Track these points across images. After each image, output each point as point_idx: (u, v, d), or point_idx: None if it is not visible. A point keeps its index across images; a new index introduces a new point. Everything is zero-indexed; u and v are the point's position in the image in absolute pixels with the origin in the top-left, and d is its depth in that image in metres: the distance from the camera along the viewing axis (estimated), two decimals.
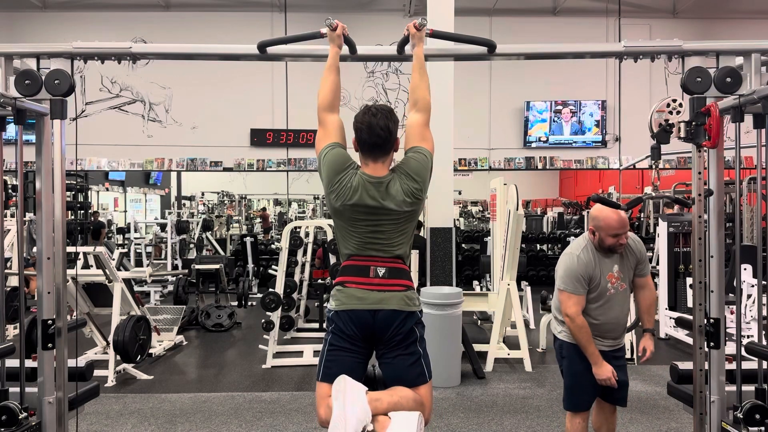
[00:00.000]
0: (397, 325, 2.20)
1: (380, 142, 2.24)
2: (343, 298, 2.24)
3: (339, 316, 2.23)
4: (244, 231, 14.40)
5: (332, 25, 2.38)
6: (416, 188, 2.24)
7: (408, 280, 2.29)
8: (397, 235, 2.27)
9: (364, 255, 2.26)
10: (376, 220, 2.22)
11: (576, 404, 2.99)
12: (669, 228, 6.81)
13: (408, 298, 2.24)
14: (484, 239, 9.68)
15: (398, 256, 2.27)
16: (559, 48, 2.73)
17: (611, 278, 2.89)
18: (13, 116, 2.27)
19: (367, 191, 2.21)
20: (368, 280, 2.23)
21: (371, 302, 2.19)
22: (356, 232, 2.25)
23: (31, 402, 2.37)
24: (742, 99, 2.23)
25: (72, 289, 5.13)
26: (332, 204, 2.26)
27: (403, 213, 2.24)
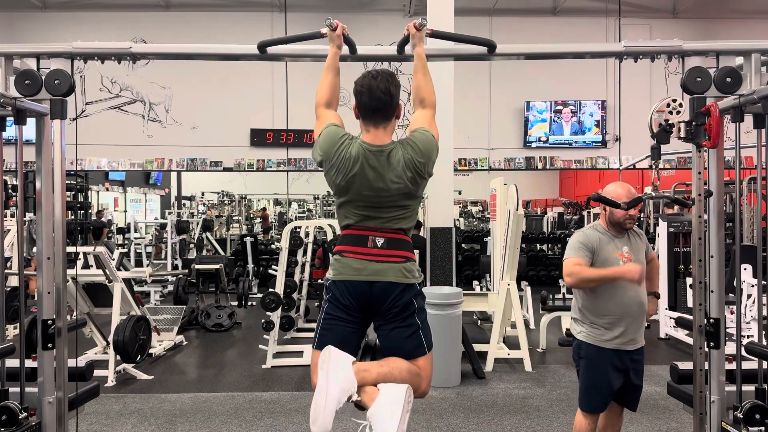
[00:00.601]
0: (395, 297, 2.16)
1: (381, 105, 2.18)
2: (340, 268, 2.20)
3: (336, 286, 2.21)
4: (244, 231, 14.41)
5: (332, 25, 2.37)
6: (419, 161, 2.17)
7: (408, 251, 2.22)
8: (399, 211, 2.21)
9: (364, 226, 2.20)
10: (377, 196, 2.16)
11: (591, 405, 2.98)
12: (669, 228, 6.81)
13: (406, 270, 2.18)
14: (484, 239, 9.68)
15: (399, 228, 2.22)
16: (559, 48, 2.74)
17: (621, 257, 2.91)
18: (13, 116, 2.27)
19: (367, 161, 2.14)
20: (366, 250, 2.18)
21: (368, 273, 2.15)
22: (357, 208, 2.20)
23: (31, 402, 2.37)
24: (742, 99, 2.23)
25: (72, 289, 5.13)
26: (333, 181, 2.20)
27: (404, 188, 2.16)
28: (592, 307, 2.93)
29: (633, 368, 2.94)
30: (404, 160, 2.16)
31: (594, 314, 2.92)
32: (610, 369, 2.90)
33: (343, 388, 2.03)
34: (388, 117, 2.22)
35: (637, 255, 2.98)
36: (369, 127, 2.22)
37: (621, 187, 2.92)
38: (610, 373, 2.90)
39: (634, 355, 2.96)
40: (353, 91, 2.24)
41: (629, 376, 2.94)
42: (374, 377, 2.11)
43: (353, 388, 2.05)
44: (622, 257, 2.92)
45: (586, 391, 2.99)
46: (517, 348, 5.64)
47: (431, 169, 2.24)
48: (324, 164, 2.22)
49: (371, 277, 2.15)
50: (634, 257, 2.95)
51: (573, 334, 3.06)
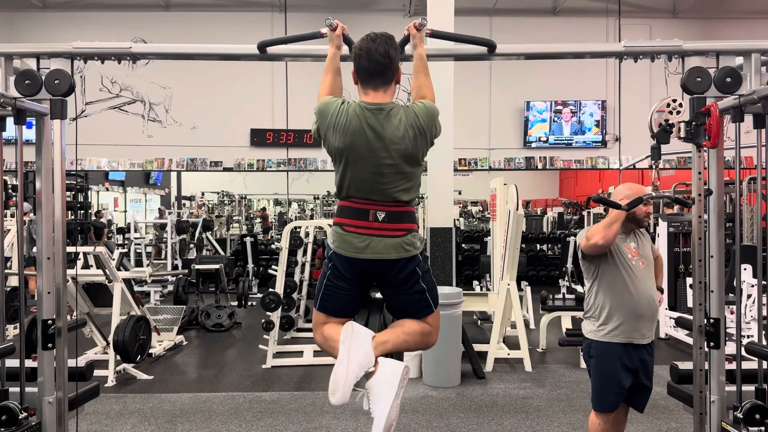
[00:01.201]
0: (397, 271, 2.15)
1: (380, 69, 2.13)
2: (340, 243, 2.16)
3: (337, 257, 2.17)
4: (244, 231, 14.40)
5: (332, 25, 2.37)
6: (421, 121, 2.12)
7: (410, 222, 2.18)
8: (400, 179, 2.14)
9: (363, 198, 2.15)
10: (377, 158, 2.10)
11: (603, 404, 2.98)
12: (669, 228, 6.81)
13: (407, 243, 2.14)
14: (484, 239, 9.68)
15: (400, 199, 2.16)
16: (559, 48, 2.73)
17: (630, 251, 2.94)
18: (13, 116, 2.27)
19: (366, 119, 2.09)
20: (367, 224, 2.12)
21: (369, 252, 2.12)
22: (357, 174, 2.13)
23: (31, 402, 2.37)
24: (742, 99, 2.23)
25: (72, 289, 5.13)
26: (332, 145, 2.14)
27: (405, 149, 2.10)
28: (604, 302, 2.94)
29: (643, 368, 2.95)
30: (405, 119, 2.11)
31: (605, 309, 2.93)
32: (620, 367, 2.90)
33: (362, 364, 2.05)
34: (387, 81, 2.17)
35: (644, 251, 3.02)
36: (368, 90, 2.17)
37: (631, 189, 2.95)
38: (620, 371, 2.90)
39: (645, 354, 2.96)
40: (352, 55, 2.19)
41: (639, 375, 2.95)
42: (390, 348, 2.16)
43: (371, 363, 2.07)
44: (630, 251, 2.95)
45: (598, 390, 2.99)
46: (517, 348, 5.64)
47: (434, 135, 2.19)
48: (321, 131, 2.18)
49: (373, 255, 2.12)
50: (641, 252, 2.99)
51: (584, 333, 3.07)
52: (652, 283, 3.00)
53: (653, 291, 2.97)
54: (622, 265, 2.91)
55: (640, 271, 2.95)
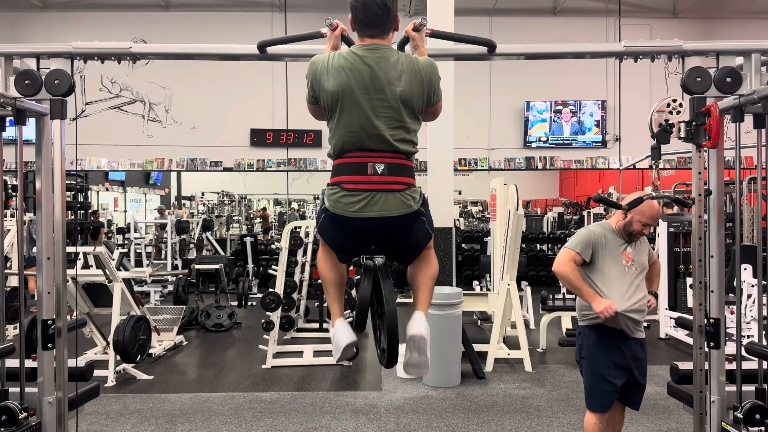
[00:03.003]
0: (400, 230, 2.11)
1: (377, 20, 2.08)
2: (336, 202, 2.07)
3: (332, 220, 2.11)
4: (244, 231, 14.40)
5: (332, 25, 2.37)
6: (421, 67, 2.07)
7: (409, 176, 2.11)
8: (398, 126, 2.06)
9: (361, 149, 2.06)
10: (374, 99, 2.03)
11: (597, 403, 3.00)
12: (669, 228, 6.81)
13: (408, 198, 2.08)
14: (484, 239, 9.68)
15: (399, 150, 2.08)
16: (559, 48, 2.73)
17: (625, 256, 2.98)
18: (13, 116, 2.27)
19: (362, 57, 2.03)
20: (366, 177, 2.04)
21: (369, 210, 2.04)
22: (352, 119, 2.05)
23: (31, 402, 2.37)
24: (742, 99, 2.23)
25: (72, 289, 5.13)
26: (325, 87, 2.06)
27: (402, 92, 2.03)
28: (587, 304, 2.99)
29: (636, 366, 2.98)
30: (403, 61, 2.06)
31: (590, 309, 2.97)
32: (612, 366, 2.94)
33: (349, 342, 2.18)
34: (385, 30, 2.13)
35: (639, 257, 3.04)
36: (364, 38, 2.13)
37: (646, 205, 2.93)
38: (611, 369, 2.93)
39: (638, 352, 2.99)
40: (349, 5, 2.13)
41: (633, 373, 2.98)
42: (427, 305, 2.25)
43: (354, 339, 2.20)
44: (625, 257, 2.98)
45: (590, 390, 3.02)
46: (517, 348, 5.64)
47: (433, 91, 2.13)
48: (315, 82, 2.11)
49: (372, 212, 2.04)
50: (636, 258, 3.01)
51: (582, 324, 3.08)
52: (644, 290, 3.02)
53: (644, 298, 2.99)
54: (617, 265, 2.95)
55: (632, 276, 2.98)
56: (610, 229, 3.04)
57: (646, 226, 2.94)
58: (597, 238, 2.99)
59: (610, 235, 3.02)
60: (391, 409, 4.47)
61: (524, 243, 10.49)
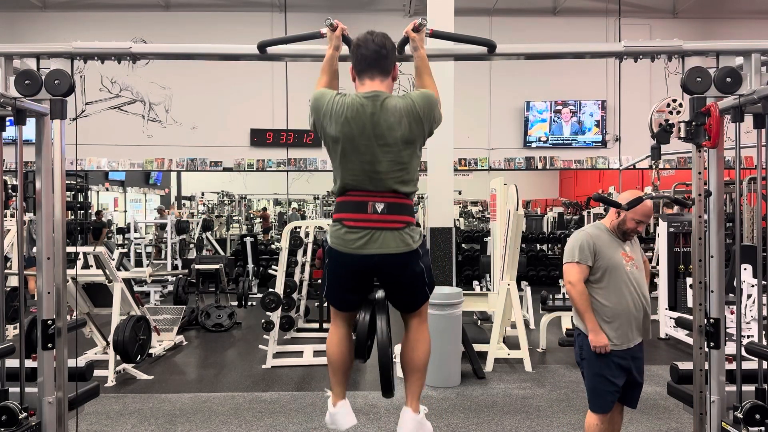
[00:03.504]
0: (399, 269, 2.16)
1: (377, 57, 2.16)
2: (338, 239, 2.16)
3: (334, 254, 2.19)
4: (244, 231, 14.40)
5: (332, 25, 2.37)
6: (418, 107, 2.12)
7: (409, 215, 2.17)
8: (398, 169, 2.13)
9: (362, 189, 2.14)
10: (374, 145, 2.09)
11: (600, 405, 3.00)
12: (669, 228, 6.81)
13: (407, 236, 2.13)
14: (484, 239, 9.68)
15: (399, 190, 2.15)
16: (559, 48, 2.73)
17: (624, 256, 2.97)
18: (13, 116, 2.27)
19: (362, 106, 2.10)
20: (365, 216, 2.12)
21: (369, 247, 2.11)
22: (354, 164, 2.12)
23: (31, 402, 2.37)
24: (742, 99, 2.23)
25: (72, 289, 5.13)
26: (328, 132, 2.14)
27: (402, 135, 2.10)
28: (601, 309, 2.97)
29: (635, 366, 2.99)
30: (401, 105, 2.12)
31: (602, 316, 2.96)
32: (613, 366, 2.94)
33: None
34: (383, 71, 2.19)
35: (636, 256, 3.05)
36: (364, 80, 2.19)
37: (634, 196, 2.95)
38: (613, 370, 2.93)
39: (636, 352, 3.00)
40: (350, 49, 2.23)
41: (632, 373, 2.98)
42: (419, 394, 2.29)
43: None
44: (625, 256, 2.98)
45: (593, 391, 3.01)
46: (517, 348, 5.64)
47: (433, 123, 2.20)
48: (317, 123, 2.18)
49: (371, 250, 2.11)
50: (634, 257, 3.02)
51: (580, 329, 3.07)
52: (644, 287, 3.02)
53: (645, 295, 3.00)
54: (616, 268, 2.94)
55: (635, 276, 2.98)
56: (605, 229, 3.04)
57: (640, 224, 2.94)
58: (594, 239, 2.98)
59: (606, 236, 3.01)
60: (391, 409, 4.47)
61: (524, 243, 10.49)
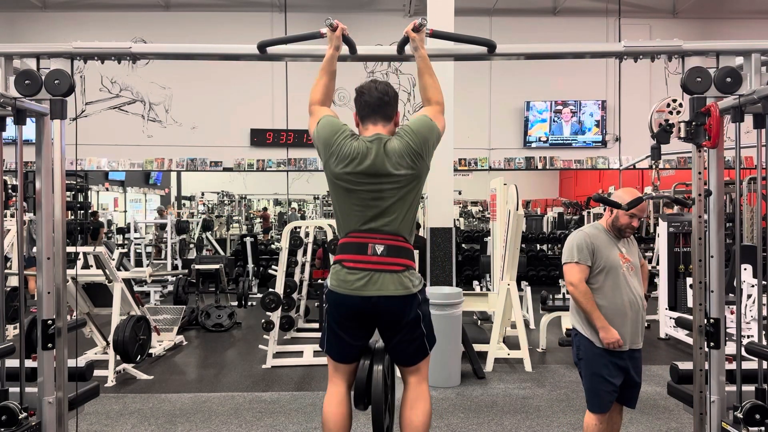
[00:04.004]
0: (397, 313, 2.16)
1: (380, 103, 2.22)
2: (338, 281, 2.19)
3: (335, 297, 2.20)
4: (244, 231, 14.40)
5: (332, 25, 2.37)
6: (415, 144, 2.16)
7: (408, 259, 2.21)
8: (398, 205, 2.18)
9: (364, 231, 2.18)
10: (376, 183, 2.15)
11: (598, 405, 2.99)
12: (669, 228, 6.81)
13: (407, 280, 2.16)
14: (484, 239, 9.68)
15: (399, 233, 2.19)
16: (559, 48, 2.73)
17: (621, 257, 2.97)
18: (13, 116, 2.27)
19: (366, 149, 2.15)
20: (366, 257, 2.16)
21: (368, 288, 2.13)
22: (355, 202, 2.18)
23: (31, 402, 2.37)
24: (742, 99, 2.23)
25: (72, 289, 5.13)
26: (332, 170, 2.19)
27: (402, 176, 2.16)
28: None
29: (633, 366, 2.99)
30: (400, 147, 2.16)
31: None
32: (611, 366, 2.94)
33: None
34: (386, 117, 2.24)
35: (633, 258, 3.05)
36: (368, 126, 2.24)
37: (628, 193, 2.98)
38: (611, 369, 2.93)
39: (634, 353, 3.00)
40: (355, 96, 2.28)
41: (629, 372, 2.98)
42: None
43: None
44: (621, 257, 2.98)
45: (591, 391, 3.01)
46: (517, 348, 5.64)
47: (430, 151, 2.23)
48: (323, 151, 2.22)
49: (371, 291, 2.13)
50: (631, 259, 3.02)
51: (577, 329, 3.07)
52: (640, 289, 3.02)
53: (639, 300, 2.99)
54: (611, 269, 2.94)
55: (630, 277, 2.98)
56: (602, 229, 3.04)
57: (633, 218, 2.94)
58: (592, 239, 2.99)
59: (604, 236, 3.01)
60: None
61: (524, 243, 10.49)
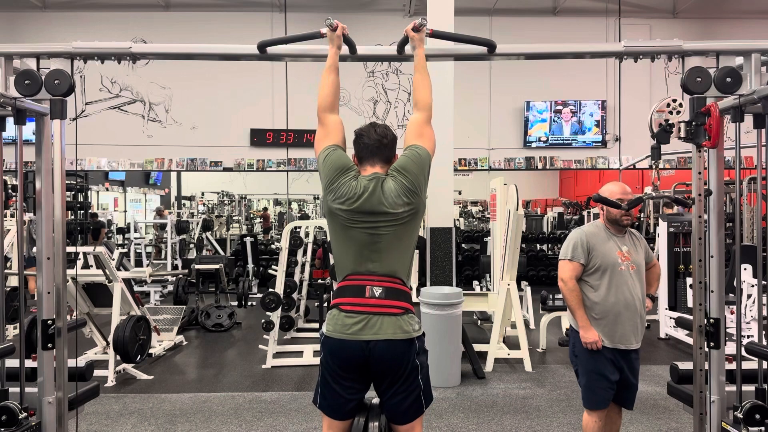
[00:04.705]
0: (395, 359, 2.10)
1: (379, 145, 2.24)
2: (334, 325, 2.14)
3: (331, 344, 2.14)
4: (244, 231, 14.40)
5: (332, 25, 2.37)
6: (407, 185, 2.18)
7: (407, 302, 2.17)
8: (396, 244, 2.17)
9: (361, 272, 2.16)
10: (372, 222, 2.15)
11: (594, 402, 3.01)
12: (669, 228, 6.81)
13: (405, 323, 2.13)
14: (484, 239, 9.68)
15: (397, 275, 2.17)
16: (559, 48, 2.73)
17: (620, 255, 2.97)
18: (13, 116, 2.27)
19: (364, 189, 2.17)
20: (363, 300, 2.12)
21: (365, 332, 2.09)
22: (353, 239, 2.17)
23: (31, 402, 2.37)
24: (742, 99, 2.23)
25: (72, 289, 5.13)
26: (329, 204, 2.20)
27: (399, 215, 2.16)
28: (591, 306, 3.01)
29: (629, 366, 2.99)
30: (396, 186, 2.18)
31: (592, 312, 3.00)
32: (607, 362, 2.95)
33: None
34: (385, 159, 2.27)
35: (635, 256, 3.04)
36: (366, 167, 2.26)
37: (616, 186, 3.02)
38: (607, 366, 2.95)
39: (631, 353, 3.00)
40: (354, 139, 2.30)
41: (624, 372, 2.99)
42: None
43: None
44: (621, 255, 2.98)
45: (588, 388, 3.02)
46: (517, 348, 5.64)
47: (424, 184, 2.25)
48: (325, 185, 2.23)
49: (368, 335, 2.09)
50: (632, 257, 3.01)
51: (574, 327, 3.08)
52: (639, 289, 3.00)
53: (636, 301, 2.97)
54: (608, 267, 2.95)
55: (628, 275, 2.96)
56: (602, 227, 3.07)
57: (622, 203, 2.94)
58: (589, 237, 3.01)
59: (604, 233, 3.03)
60: None
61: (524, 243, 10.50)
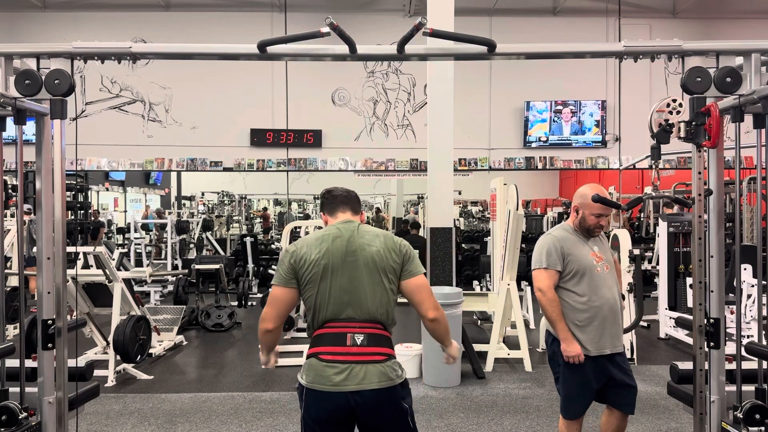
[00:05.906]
0: (381, 407, 2.03)
1: (348, 197, 2.29)
2: (314, 376, 2.03)
3: (311, 395, 2.04)
4: (244, 231, 14.41)
5: (332, 25, 2.37)
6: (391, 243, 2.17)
7: (389, 347, 2.12)
8: (376, 289, 2.11)
9: (341, 319, 2.07)
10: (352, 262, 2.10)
11: (573, 412, 2.97)
12: (669, 228, 6.81)
13: (390, 369, 2.06)
14: (484, 239, 9.69)
15: (378, 320, 2.10)
16: (559, 48, 2.72)
17: (594, 256, 2.94)
18: (13, 116, 2.27)
19: (338, 230, 2.17)
20: (345, 349, 2.03)
21: (348, 382, 1.99)
22: (330, 287, 2.09)
23: (31, 402, 2.37)
24: (742, 99, 2.23)
25: (72, 289, 5.13)
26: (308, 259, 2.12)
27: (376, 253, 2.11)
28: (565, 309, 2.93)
29: (618, 368, 2.92)
30: (373, 234, 2.18)
31: (568, 318, 2.91)
32: (590, 373, 2.88)
33: None
34: (353, 209, 2.29)
35: (606, 255, 3.02)
36: (337, 215, 2.27)
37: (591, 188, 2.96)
38: (589, 378, 2.88)
39: (617, 356, 2.93)
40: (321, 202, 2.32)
41: (614, 376, 2.91)
42: None
43: None
44: (594, 256, 2.94)
45: (567, 398, 2.97)
46: (517, 348, 5.64)
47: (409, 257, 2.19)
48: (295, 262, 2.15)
49: (352, 386, 1.99)
50: (605, 257, 2.99)
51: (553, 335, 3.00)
52: (617, 291, 2.98)
53: (615, 300, 2.94)
54: (585, 270, 2.89)
55: (605, 276, 2.93)
56: (571, 230, 3.01)
57: (600, 217, 2.91)
58: (561, 242, 2.93)
59: (574, 236, 2.98)
60: None
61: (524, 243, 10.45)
